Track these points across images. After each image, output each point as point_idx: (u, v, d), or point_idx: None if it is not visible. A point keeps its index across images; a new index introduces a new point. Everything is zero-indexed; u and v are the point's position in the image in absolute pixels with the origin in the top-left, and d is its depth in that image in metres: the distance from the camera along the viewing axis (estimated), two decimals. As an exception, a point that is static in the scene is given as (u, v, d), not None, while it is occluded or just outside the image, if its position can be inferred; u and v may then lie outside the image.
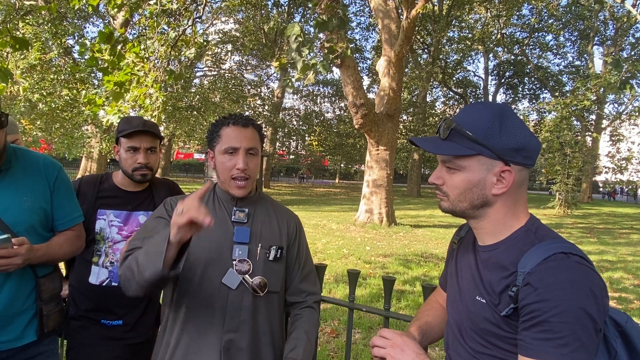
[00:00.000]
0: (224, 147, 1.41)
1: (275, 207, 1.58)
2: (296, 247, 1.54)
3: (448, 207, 1.02)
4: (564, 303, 0.81)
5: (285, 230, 1.53)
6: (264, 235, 1.46)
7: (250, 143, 1.43)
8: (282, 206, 1.62)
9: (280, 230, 1.51)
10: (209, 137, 1.47)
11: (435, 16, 25.45)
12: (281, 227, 1.52)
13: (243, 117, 1.46)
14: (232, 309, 1.36)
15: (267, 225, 1.48)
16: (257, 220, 1.47)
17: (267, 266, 1.43)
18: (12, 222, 1.46)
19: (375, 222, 12.32)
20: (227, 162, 1.41)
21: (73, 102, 15.47)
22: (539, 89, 33.56)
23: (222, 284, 1.36)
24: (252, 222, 1.46)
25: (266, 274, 1.42)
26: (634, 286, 6.66)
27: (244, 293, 1.38)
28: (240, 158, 1.40)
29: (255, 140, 1.46)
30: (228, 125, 1.43)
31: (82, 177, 1.96)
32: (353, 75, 11.28)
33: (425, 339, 1.18)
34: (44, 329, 1.53)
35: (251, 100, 30.30)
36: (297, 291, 1.52)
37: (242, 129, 1.43)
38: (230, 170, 1.41)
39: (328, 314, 4.72)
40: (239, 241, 1.40)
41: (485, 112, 0.95)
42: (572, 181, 18.96)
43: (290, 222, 1.56)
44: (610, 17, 24.96)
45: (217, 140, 1.43)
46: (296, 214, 1.65)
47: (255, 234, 1.44)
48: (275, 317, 1.48)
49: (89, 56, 4.10)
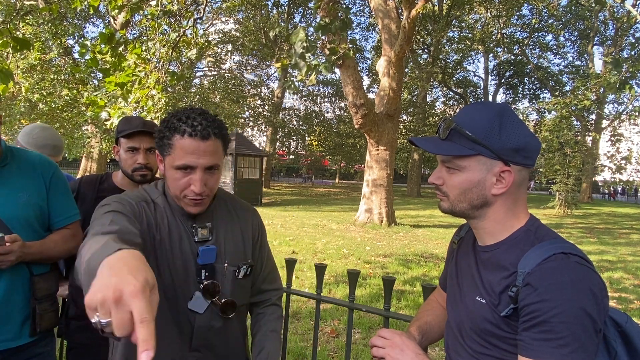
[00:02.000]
0: (177, 163, 1.15)
1: (235, 207, 1.39)
2: (258, 248, 1.40)
3: (448, 208, 1.02)
4: (564, 303, 0.81)
5: (249, 235, 1.37)
6: (229, 250, 1.29)
7: (211, 160, 1.17)
8: (240, 202, 1.43)
9: (244, 239, 1.35)
10: (158, 138, 1.19)
11: (435, 16, 25.46)
12: (244, 234, 1.36)
13: (202, 125, 1.14)
14: (201, 331, 1.24)
15: (230, 237, 1.31)
16: (220, 234, 1.28)
17: (235, 284, 1.29)
18: (8, 217, 1.47)
19: (375, 222, 12.33)
20: (180, 179, 1.17)
21: (73, 102, 15.48)
22: (539, 89, 33.60)
23: (190, 310, 1.22)
24: (216, 238, 1.27)
25: (235, 291, 1.29)
26: (634, 286, 6.66)
27: (212, 315, 1.25)
28: (197, 180, 1.16)
29: (218, 155, 1.19)
30: (183, 136, 1.14)
31: (81, 178, 1.96)
32: (353, 75, 11.29)
33: (425, 339, 1.18)
34: (36, 328, 1.53)
35: (251, 100, 30.30)
36: (260, 292, 1.43)
37: (200, 142, 1.14)
38: (182, 189, 1.18)
39: (328, 314, 4.72)
40: (205, 263, 1.23)
41: (485, 112, 0.95)
42: (572, 181, 18.96)
43: (254, 222, 1.40)
44: (610, 17, 24.96)
45: (167, 149, 1.16)
46: (254, 208, 1.46)
47: (221, 251, 1.27)
48: (245, 325, 1.43)
49: (90, 57, 4.11)
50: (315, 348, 1.96)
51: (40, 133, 2.26)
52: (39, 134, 2.26)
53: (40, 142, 2.24)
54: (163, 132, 1.18)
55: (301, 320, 4.55)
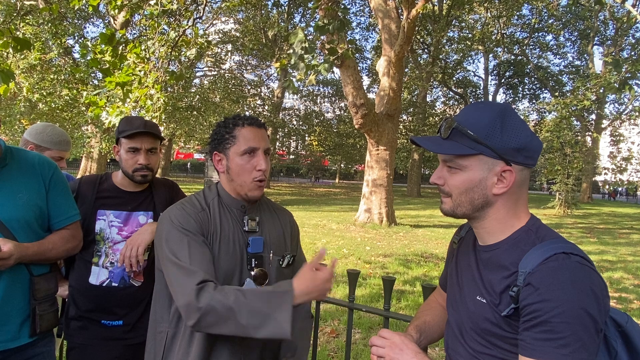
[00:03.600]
0: (243, 148, 1.37)
1: (275, 208, 1.57)
2: (295, 244, 1.57)
3: (449, 209, 1.02)
4: (565, 303, 0.81)
5: (288, 232, 1.54)
6: (273, 242, 1.46)
7: (268, 143, 1.42)
8: (278, 206, 1.61)
9: (285, 235, 1.52)
10: (218, 138, 1.41)
11: (435, 16, 25.45)
12: (285, 230, 1.52)
13: (255, 118, 1.43)
14: None
15: (274, 231, 1.48)
16: (265, 227, 1.46)
17: (280, 273, 1.44)
18: (7, 218, 1.47)
19: (375, 222, 12.33)
20: (247, 163, 1.37)
21: (73, 102, 15.49)
22: (539, 89, 33.59)
23: None
24: (262, 230, 1.45)
25: (279, 280, 1.40)
26: (634, 286, 6.66)
27: None
28: (261, 158, 1.38)
29: (269, 141, 1.45)
30: (243, 126, 1.39)
31: (81, 178, 1.96)
32: (353, 75, 11.29)
33: (423, 338, 1.18)
34: (36, 328, 1.52)
35: (251, 100, 30.30)
36: None
37: (258, 129, 1.41)
38: (250, 172, 1.38)
39: (328, 314, 4.72)
40: (254, 252, 1.40)
41: (487, 112, 0.95)
42: (572, 181, 18.96)
43: (291, 221, 1.58)
44: (610, 17, 24.96)
45: (231, 141, 1.38)
46: (289, 210, 1.65)
47: (267, 242, 1.44)
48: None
49: (91, 57, 4.11)
50: (315, 348, 1.96)
51: (53, 131, 2.32)
52: (52, 131, 2.31)
53: (55, 139, 2.30)
54: (221, 132, 1.40)
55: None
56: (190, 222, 1.34)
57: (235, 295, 1.18)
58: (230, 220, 1.41)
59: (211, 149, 1.44)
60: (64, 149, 2.33)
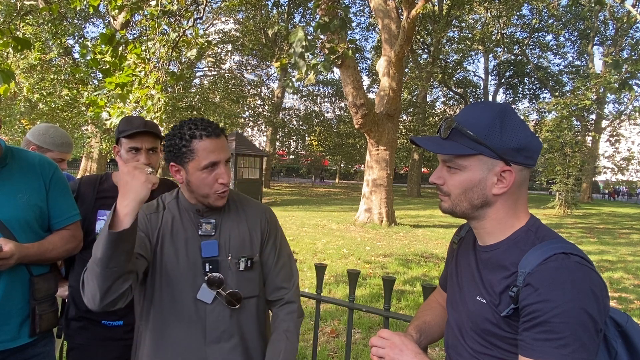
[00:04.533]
0: (203, 163, 1.30)
1: (245, 205, 1.50)
2: (271, 243, 1.48)
3: (448, 208, 1.02)
4: (564, 303, 0.81)
5: (257, 232, 1.46)
6: (232, 244, 1.40)
7: (227, 153, 1.36)
8: (252, 202, 1.53)
9: (251, 235, 1.45)
10: (174, 151, 1.32)
11: (435, 16, 25.45)
12: (252, 229, 1.45)
13: (212, 126, 1.33)
14: (211, 321, 1.34)
15: (236, 232, 1.42)
16: (224, 229, 1.41)
17: (239, 276, 1.39)
18: (7, 218, 1.47)
19: (375, 222, 12.33)
20: (207, 177, 1.32)
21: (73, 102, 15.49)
22: (539, 89, 33.60)
23: (198, 300, 1.34)
24: (220, 233, 1.40)
25: (240, 283, 1.38)
26: (634, 286, 6.66)
27: (220, 305, 1.35)
28: (224, 172, 1.33)
29: (228, 148, 1.38)
30: (202, 138, 1.30)
31: (81, 178, 1.96)
32: (353, 75, 11.29)
33: (423, 338, 1.18)
34: (35, 328, 1.53)
35: (251, 100, 30.30)
36: (275, 288, 1.48)
37: (217, 140, 1.32)
38: (212, 186, 1.33)
39: (328, 314, 4.72)
40: (207, 256, 1.36)
41: (487, 112, 0.95)
42: (572, 181, 18.96)
43: (262, 219, 1.49)
44: (610, 17, 24.97)
45: (189, 155, 1.30)
46: (268, 207, 1.56)
47: (224, 245, 1.39)
48: (261, 318, 1.46)
49: (91, 57, 4.11)
50: (315, 348, 1.97)
51: (55, 132, 2.33)
52: (54, 133, 2.32)
53: (58, 141, 2.31)
54: (177, 144, 1.31)
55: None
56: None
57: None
58: (185, 224, 1.39)
59: (167, 159, 1.36)
60: (65, 150, 2.34)
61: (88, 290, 1.11)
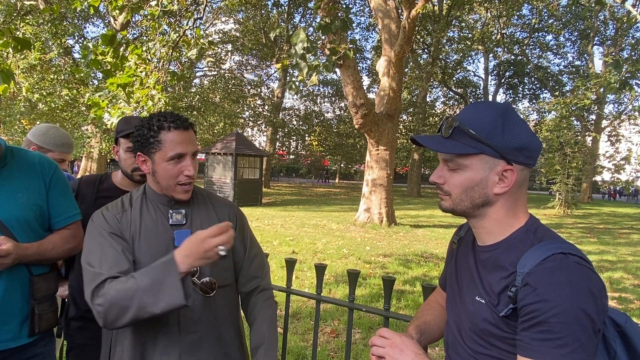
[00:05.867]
0: (170, 154, 1.32)
1: (212, 200, 1.53)
2: (241, 234, 1.51)
3: (449, 207, 1.02)
4: (563, 303, 0.81)
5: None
6: None
7: (195, 146, 1.38)
8: (219, 198, 1.57)
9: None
10: (142, 141, 1.35)
11: (435, 16, 25.45)
12: (221, 219, 1.46)
13: (181, 119, 1.36)
14: (185, 311, 1.33)
15: (206, 222, 1.43)
16: (195, 219, 1.43)
17: (214, 265, 1.36)
18: (7, 217, 1.46)
19: (375, 222, 12.33)
20: (173, 169, 1.33)
21: (73, 102, 15.50)
22: (539, 89, 33.59)
23: None
24: (191, 222, 1.41)
25: (214, 272, 1.39)
26: (634, 286, 6.66)
27: (195, 294, 1.35)
28: (189, 165, 1.35)
29: (196, 142, 1.41)
30: (169, 130, 1.32)
31: (81, 178, 1.96)
32: (353, 75, 11.29)
33: (423, 338, 1.18)
34: (35, 328, 1.52)
35: (251, 100, 30.31)
36: (250, 278, 1.50)
37: (185, 132, 1.35)
38: (176, 177, 1.35)
39: (328, 314, 4.72)
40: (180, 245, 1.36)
41: (489, 111, 0.95)
42: (572, 181, 18.96)
43: (230, 212, 1.52)
44: (610, 17, 24.97)
45: (156, 146, 1.33)
46: (233, 202, 1.60)
47: None
48: (235, 307, 1.49)
49: (92, 58, 4.11)
50: (315, 348, 1.97)
51: (56, 133, 2.33)
52: (55, 133, 2.32)
53: (58, 141, 2.31)
54: (145, 134, 1.34)
55: (301, 320, 4.55)
56: (108, 225, 1.34)
57: (125, 281, 1.19)
58: (155, 216, 1.39)
59: (134, 149, 1.39)
60: (66, 151, 2.35)
61: (114, 314, 1.18)
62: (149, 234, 1.36)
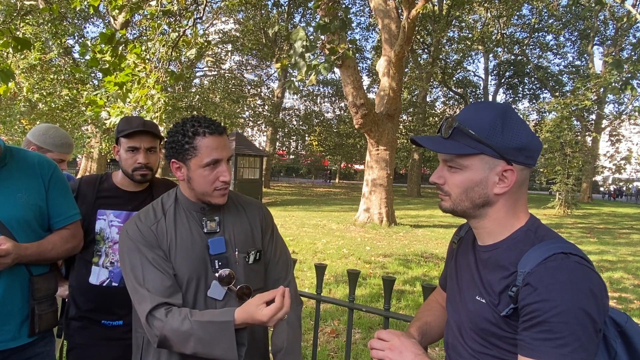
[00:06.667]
0: (206, 160, 1.31)
1: (242, 202, 1.53)
2: (268, 238, 1.52)
3: (449, 207, 1.01)
4: (563, 303, 0.81)
5: (257, 226, 1.50)
6: (238, 239, 1.42)
7: (230, 151, 1.38)
8: (247, 199, 1.56)
9: (252, 229, 1.48)
10: (177, 147, 1.33)
11: (435, 16, 25.46)
12: (252, 225, 1.48)
13: (215, 124, 1.35)
14: None
15: (239, 227, 1.44)
16: (228, 225, 1.43)
17: (248, 270, 1.41)
18: (7, 217, 1.46)
19: (375, 222, 12.33)
20: (209, 175, 1.33)
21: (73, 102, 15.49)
22: (539, 89, 33.61)
23: (209, 297, 1.35)
24: (224, 229, 1.41)
25: (249, 277, 1.40)
26: (634, 286, 6.66)
27: (232, 300, 1.37)
28: (226, 170, 1.34)
29: (230, 147, 1.43)
30: (205, 136, 1.31)
31: (81, 178, 1.96)
32: (353, 75, 11.29)
33: (424, 339, 1.18)
34: (35, 328, 1.52)
35: (251, 100, 30.31)
36: (274, 280, 1.51)
37: (220, 137, 1.33)
38: (213, 183, 1.34)
39: (328, 314, 4.72)
40: (216, 253, 1.37)
41: (488, 112, 0.95)
42: (572, 181, 18.96)
43: (260, 214, 1.53)
44: (610, 17, 24.97)
45: (191, 152, 1.32)
46: (262, 203, 1.59)
47: (230, 240, 1.41)
48: None
49: (91, 57, 4.11)
50: (315, 348, 1.97)
51: (56, 133, 2.32)
52: (55, 133, 2.31)
53: (58, 142, 2.30)
54: (180, 140, 1.32)
55: (301, 320, 4.55)
56: (144, 238, 1.34)
57: (181, 322, 1.23)
58: (189, 224, 1.39)
59: (168, 156, 1.37)
60: (65, 151, 2.35)
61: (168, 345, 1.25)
62: (184, 245, 1.36)
